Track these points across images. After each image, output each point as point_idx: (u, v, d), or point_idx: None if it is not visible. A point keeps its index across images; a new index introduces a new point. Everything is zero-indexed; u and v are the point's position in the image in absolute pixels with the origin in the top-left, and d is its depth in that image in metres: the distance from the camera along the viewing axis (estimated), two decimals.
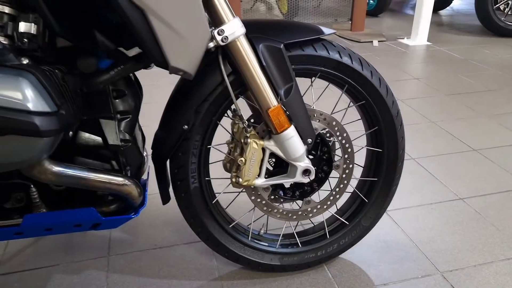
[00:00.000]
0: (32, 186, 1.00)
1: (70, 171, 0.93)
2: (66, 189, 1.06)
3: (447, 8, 5.88)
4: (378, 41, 4.17)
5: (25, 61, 0.79)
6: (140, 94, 1.10)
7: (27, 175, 0.90)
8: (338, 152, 1.24)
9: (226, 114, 1.19)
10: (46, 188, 1.04)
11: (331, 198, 1.28)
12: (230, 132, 1.24)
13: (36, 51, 0.81)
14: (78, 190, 1.06)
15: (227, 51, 1.04)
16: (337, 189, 1.28)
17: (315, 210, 1.28)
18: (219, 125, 1.17)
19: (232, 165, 1.24)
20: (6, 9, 0.79)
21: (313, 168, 1.18)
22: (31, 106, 0.75)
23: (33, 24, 0.80)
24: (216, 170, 1.39)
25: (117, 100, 1.03)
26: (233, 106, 1.16)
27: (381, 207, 1.35)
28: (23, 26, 0.79)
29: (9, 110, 0.74)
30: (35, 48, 0.81)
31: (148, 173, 1.21)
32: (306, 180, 1.18)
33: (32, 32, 0.80)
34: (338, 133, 1.22)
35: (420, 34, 4.15)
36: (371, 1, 5.33)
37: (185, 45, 0.87)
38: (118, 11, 0.79)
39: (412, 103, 2.72)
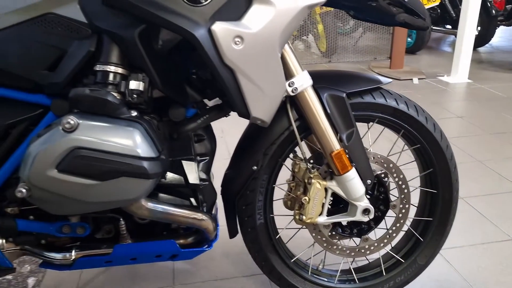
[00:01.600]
0: (121, 219, 1.13)
1: (160, 207, 1.06)
2: (149, 222, 1.18)
3: (486, 45, 5.89)
4: (418, 79, 4.23)
5: (134, 113, 0.93)
6: (215, 138, 1.22)
7: (126, 210, 1.03)
8: (393, 192, 1.32)
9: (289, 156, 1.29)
10: (132, 221, 1.16)
11: (388, 236, 1.35)
12: (291, 172, 1.34)
13: (141, 105, 0.95)
14: (159, 223, 1.19)
15: (294, 99, 1.15)
16: (394, 228, 1.34)
17: (372, 248, 1.34)
18: (283, 166, 1.28)
19: (293, 203, 1.33)
20: (120, 70, 0.94)
21: (372, 208, 1.25)
22: (141, 152, 0.89)
23: (141, 82, 0.94)
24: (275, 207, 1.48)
25: (197, 144, 1.16)
26: (296, 149, 1.27)
27: (437, 246, 1.40)
28: (133, 84, 0.93)
29: (124, 156, 0.87)
30: (141, 102, 0.95)
31: (217, 208, 1.32)
32: (365, 219, 1.25)
33: (140, 89, 0.94)
34: (394, 175, 1.29)
35: (460, 72, 4.19)
36: (409, 39, 5.43)
37: (265, 98, 0.99)
38: (212, 71, 0.92)
39: (457, 142, 2.75)
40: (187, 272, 1.61)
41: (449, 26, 5.59)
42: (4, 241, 1.12)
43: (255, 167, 1.21)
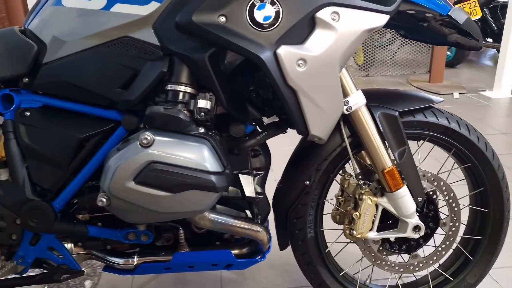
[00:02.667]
0: (180, 228, 1.20)
1: (221, 218, 1.11)
2: (205, 232, 1.24)
3: None
4: (459, 93, 4.17)
5: (201, 130, 1.00)
6: (270, 154, 1.27)
7: (189, 220, 1.09)
8: (441, 209, 1.32)
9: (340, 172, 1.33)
10: (189, 230, 1.23)
11: (437, 254, 1.35)
12: (340, 187, 1.37)
13: (208, 122, 1.02)
14: (213, 233, 1.25)
15: (347, 117, 1.19)
16: (443, 246, 1.35)
17: (421, 265, 1.35)
18: (332, 181, 1.32)
19: (342, 217, 1.37)
20: (189, 89, 1.01)
21: (423, 225, 1.27)
22: (209, 167, 0.95)
23: (208, 101, 1.01)
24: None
25: (253, 159, 1.21)
26: (347, 165, 1.31)
27: (487, 265, 1.39)
28: (201, 103, 1.00)
29: (194, 170, 0.94)
30: (207, 120, 1.02)
31: (268, 220, 1.36)
32: (416, 235, 1.27)
33: (207, 107, 1.01)
34: (445, 193, 1.31)
35: (503, 86, 4.10)
36: (448, 52, 5.35)
37: (324, 116, 1.03)
38: (276, 91, 0.97)
39: (503, 159, 2.69)
40: (234, 281, 1.65)
41: (490, 40, 5.47)
42: (72, 245, 1.21)
43: (308, 182, 1.25)
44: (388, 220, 1.32)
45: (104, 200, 0.96)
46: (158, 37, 1.02)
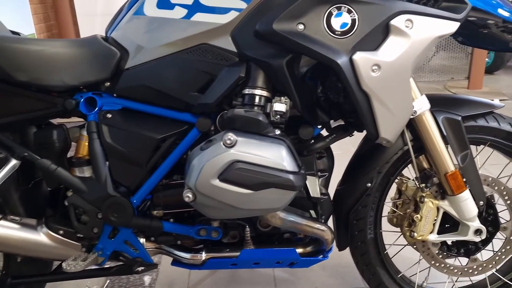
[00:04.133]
0: (247, 226, 1.25)
1: (290, 217, 1.16)
2: (269, 230, 1.29)
3: None
4: (499, 100, 4.10)
5: (278, 132, 1.05)
6: (333, 156, 1.31)
7: (261, 218, 1.14)
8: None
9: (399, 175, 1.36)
10: (255, 228, 1.28)
11: (497, 258, 1.36)
12: (398, 190, 1.40)
13: (282, 124, 1.07)
14: (277, 231, 1.29)
15: (410, 121, 1.22)
16: (503, 250, 1.36)
17: (480, 268, 1.36)
18: (392, 184, 1.35)
19: (400, 220, 1.39)
20: (265, 93, 1.07)
21: (485, 228, 1.28)
22: (287, 166, 1.00)
23: (284, 104, 1.06)
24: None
25: (318, 160, 1.26)
26: (407, 168, 1.34)
27: None
28: (277, 106, 1.06)
29: (274, 169, 0.99)
30: (282, 122, 1.07)
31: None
32: (477, 239, 1.28)
33: (283, 110, 1.06)
34: (506, 197, 1.32)
35: None
36: (487, 59, 5.26)
37: (394, 120, 1.07)
38: (350, 95, 1.02)
39: None
40: (287, 280, 1.70)
41: None
42: (144, 240, 1.28)
43: (369, 184, 1.29)
44: (446, 223, 1.34)
45: (191, 196, 1.02)
46: (236, 44, 1.08)
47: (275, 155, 1.00)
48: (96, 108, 1.19)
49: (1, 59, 1.12)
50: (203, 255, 1.27)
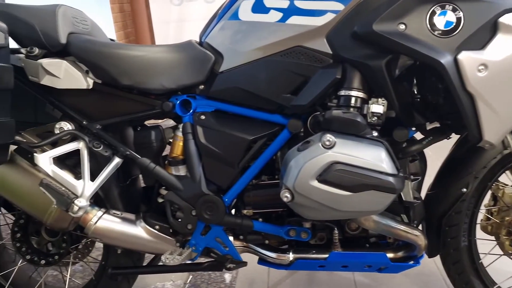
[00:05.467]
0: (336, 228, 1.25)
1: (384, 221, 1.15)
2: (357, 233, 1.27)
3: None
4: None
5: (375, 134, 1.04)
6: (426, 159, 1.27)
7: (355, 221, 1.14)
8: None
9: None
10: (341, 231, 1.27)
11: None
12: (493, 196, 1.33)
13: (379, 126, 1.06)
14: (365, 235, 1.28)
15: None
16: None
17: None
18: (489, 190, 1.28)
19: (496, 228, 1.32)
20: (361, 95, 1.06)
21: None
22: (387, 169, 0.99)
23: (381, 105, 1.05)
24: None
25: (411, 164, 1.23)
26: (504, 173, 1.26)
27: None
28: (375, 107, 1.05)
29: (374, 172, 0.99)
30: (379, 124, 1.05)
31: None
32: None
33: (380, 112, 1.05)
34: None
35: None
36: None
37: (500, 123, 1.02)
38: (453, 96, 0.98)
39: None
40: (368, 285, 1.67)
41: None
42: (232, 238, 1.32)
43: (465, 190, 1.24)
44: None
45: (289, 196, 1.04)
46: (331, 45, 1.09)
47: (375, 157, 0.99)
48: (191, 110, 1.24)
49: (108, 65, 1.20)
50: (291, 256, 1.28)
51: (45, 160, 1.20)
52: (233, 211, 1.31)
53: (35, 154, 1.20)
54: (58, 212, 1.23)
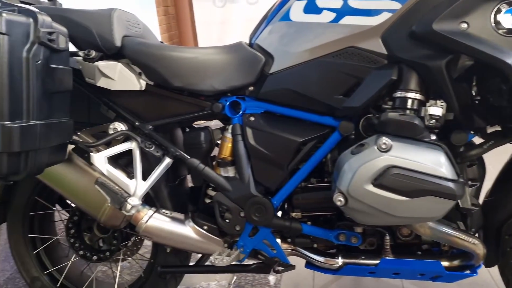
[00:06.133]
0: (387, 234, 1.21)
1: (440, 228, 1.10)
2: (410, 240, 1.23)
3: None
4: None
5: (433, 137, 1.00)
6: (485, 165, 1.21)
7: (409, 227, 1.10)
8: None
9: None
10: (393, 237, 1.23)
11: None
12: None
13: (436, 129, 1.02)
14: (418, 242, 1.23)
15: None
16: None
17: None
18: None
19: None
20: (418, 96, 1.03)
21: None
22: (447, 174, 0.95)
23: (440, 108, 1.01)
24: None
25: (468, 168, 1.17)
26: None
27: None
28: (433, 110, 1.01)
29: (433, 177, 0.95)
30: (437, 127, 1.01)
31: None
32: None
33: (439, 114, 1.01)
34: None
35: None
36: None
37: None
38: None
39: None
40: None
41: None
42: (280, 240, 1.30)
43: None
44: None
45: (342, 200, 1.02)
46: (387, 46, 1.06)
47: (434, 161, 0.95)
48: (240, 112, 1.25)
49: (160, 67, 1.23)
50: (340, 260, 1.25)
51: (100, 159, 1.24)
52: (279, 213, 1.30)
53: (91, 153, 1.24)
54: (112, 210, 1.26)
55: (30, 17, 0.99)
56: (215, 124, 1.36)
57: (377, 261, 1.21)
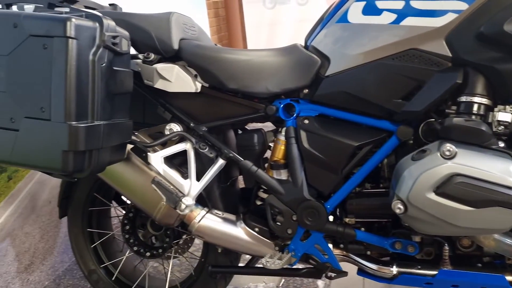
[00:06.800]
0: (446, 244, 1.16)
1: (506, 240, 1.04)
2: (473, 250, 1.17)
3: None
4: None
5: (502, 144, 0.94)
6: None
7: (473, 239, 1.05)
8: None
9: None
10: (452, 247, 1.18)
11: None
12: None
13: (505, 136, 0.96)
14: (479, 254, 1.17)
15: None
16: None
17: None
18: None
19: None
20: (485, 101, 0.98)
21: None
22: None
23: (509, 113, 0.95)
24: None
25: None
26: None
27: None
28: (501, 115, 0.95)
29: (501, 186, 0.90)
30: (506, 134, 0.96)
31: None
32: None
33: (508, 120, 0.95)
34: None
35: None
36: None
37: None
38: None
39: None
40: None
41: None
42: (332, 246, 1.28)
43: None
44: None
45: (401, 207, 0.99)
46: (451, 48, 1.01)
47: (502, 170, 0.90)
48: (294, 114, 1.24)
49: (216, 69, 1.24)
50: (394, 269, 1.21)
51: (157, 159, 1.27)
52: (330, 218, 1.28)
53: (148, 153, 1.27)
54: (166, 209, 1.29)
55: (96, 22, 1.03)
56: (266, 126, 1.36)
57: (435, 272, 1.16)
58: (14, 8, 1.18)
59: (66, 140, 0.98)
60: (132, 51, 1.29)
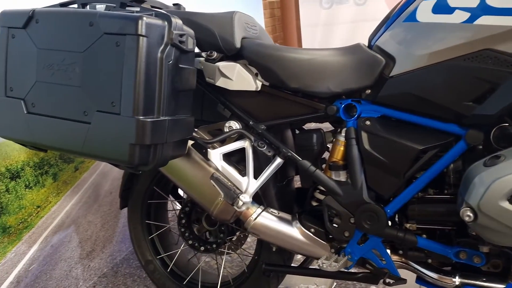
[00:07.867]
0: None
1: None
2: None
3: None
4: None
5: None
6: None
7: None
8: None
9: None
10: None
11: None
12: None
13: None
14: None
15: None
16: None
17: None
18: None
19: None
20: None
21: None
22: None
23: None
24: None
25: None
26: None
27: None
28: None
29: None
30: None
31: None
32: None
33: None
34: None
35: None
36: None
37: None
38: None
39: None
40: None
41: None
42: (390, 251, 1.24)
43: None
44: None
45: (471, 215, 0.94)
46: None
47: None
48: (355, 115, 1.21)
49: (278, 68, 1.24)
50: (457, 280, 1.16)
51: (216, 156, 1.29)
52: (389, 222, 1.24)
53: (208, 149, 1.30)
54: (224, 205, 1.31)
55: (165, 20, 1.06)
56: (325, 126, 1.35)
57: (502, 286, 1.10)
58: (87, 8, 1.25)
59: (134, 133, 1.02)
60: (195, 49, 1.33)
